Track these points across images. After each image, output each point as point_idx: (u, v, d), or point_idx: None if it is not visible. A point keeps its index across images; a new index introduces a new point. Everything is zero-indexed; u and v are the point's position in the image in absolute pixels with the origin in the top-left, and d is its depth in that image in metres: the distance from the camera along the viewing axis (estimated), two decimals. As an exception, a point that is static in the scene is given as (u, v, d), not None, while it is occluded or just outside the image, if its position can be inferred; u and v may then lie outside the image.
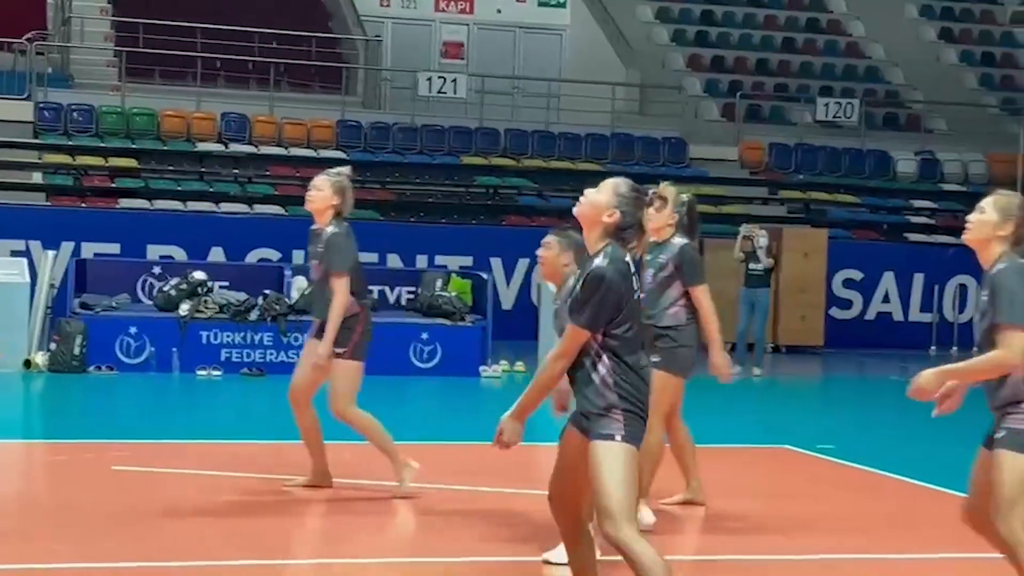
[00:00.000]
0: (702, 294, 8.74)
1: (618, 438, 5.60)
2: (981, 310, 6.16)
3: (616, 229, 5.73)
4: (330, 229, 9.16)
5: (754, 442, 12.82)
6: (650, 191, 5.98)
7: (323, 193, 9.23)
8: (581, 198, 5.86)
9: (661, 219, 8.79)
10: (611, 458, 5.57)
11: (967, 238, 6.20)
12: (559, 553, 6.91)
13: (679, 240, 8.79)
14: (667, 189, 8.79)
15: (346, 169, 9.52)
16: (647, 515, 8.22)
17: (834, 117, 28.41)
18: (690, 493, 9.28)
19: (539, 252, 7.51)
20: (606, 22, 30.69)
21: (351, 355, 9.05)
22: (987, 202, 6.18)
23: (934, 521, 9.40)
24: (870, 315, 24.71)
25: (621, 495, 5.52)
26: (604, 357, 5.63)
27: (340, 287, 9.00)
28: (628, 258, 5.74)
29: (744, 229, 19.97)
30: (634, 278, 5.73)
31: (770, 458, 11.94)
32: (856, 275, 24.52)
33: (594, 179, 24.95)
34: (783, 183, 27.34)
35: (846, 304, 24.52)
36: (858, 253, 24.72)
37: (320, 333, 9.13)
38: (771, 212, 26.41)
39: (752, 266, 19.45)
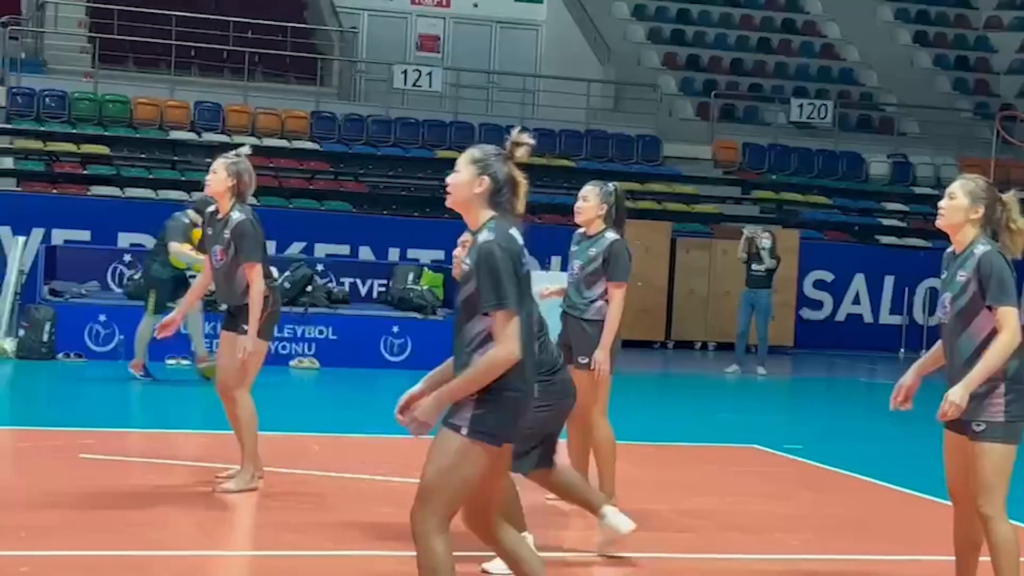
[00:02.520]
0: (619, 293, 8.78)
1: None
2: (953, 291, 6.25)
3: (492, 195, 5.45)
4: (236, 216, 8.94)
5: (723, 441, 12.86)
6: (507, 140, 5.53)
7: (218, 176, 8.99)
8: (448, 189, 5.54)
9: (590, 211, 8.87)
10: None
11: (941, 224, 6.36)
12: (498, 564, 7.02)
13: (611, 235, 8.85)
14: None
15: (245, 150, 9.19)
16: (623, 523, 7.75)
17: (808, 118, 28.51)
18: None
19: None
20: (582, 19, 30.71)
21: (258, 334, 8.92)
22: (955, 187, 6.36)
23: (891, 522, 9.45)
24: (840, 316, 24.80)
25: None
26: None
27: (255, 277, 8.86)
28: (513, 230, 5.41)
29: (747, 230, 19.97)
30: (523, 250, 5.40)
31: (738, 457, 11.98)
32: (827, 276, 24.61)
33: (567, 175, 24.97)
34: (756, 183, 27.41)
35: (817, 305, 24.60)
36: (829, 254, 24.80)
37: (231, 321, 9.01)
38: (743, 212, 26.47)
39: (755, 267, 19.46)
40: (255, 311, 8.84)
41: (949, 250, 6.41)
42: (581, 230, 9.05)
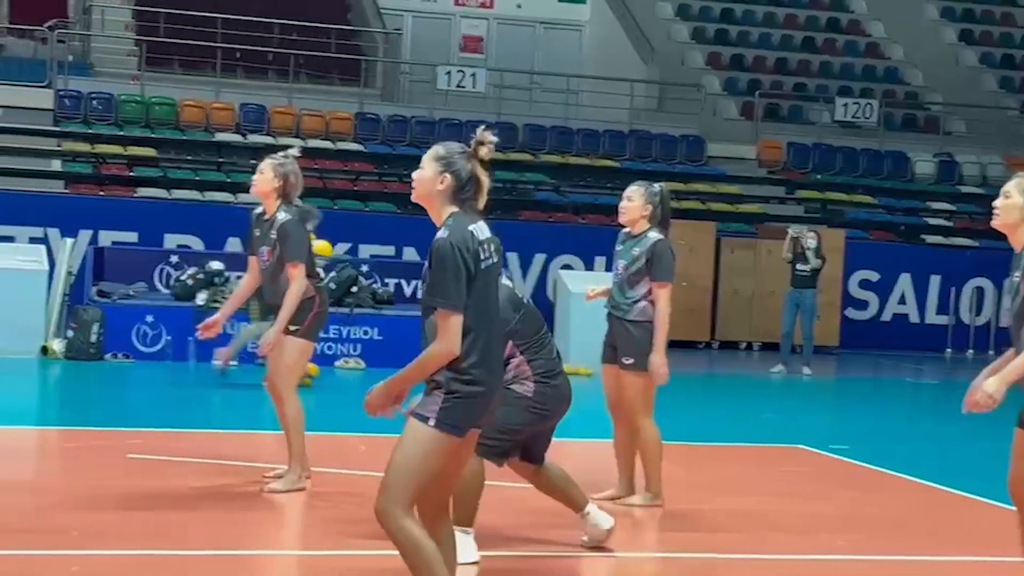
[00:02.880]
0: (663, 293, 8.79)
1: None
2: (1013, 292, 6.21)
3: (455, 192, 5.57)
4: (281, 216, 9.01)
5: (768, 441, 12.83)
6: (473, 139, 5.59)
7: (264, 176, 9.07)
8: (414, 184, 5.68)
9: (635, 211, 8.87)
10: None
11: (996, 223, 6.28)
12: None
13: (655, 235, 8.86)
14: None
15: (294, 151, 9.25)
16: (603, 520, 7.83)
17: (853, 117, 28.39)
18: (620, 491, 9.22)
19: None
20: (625, 18, 30.69)
21: (304, 334, 8.99)
22: (1011, 186, 6.27)
23: (938, 523, 9.42)
24: (886, 316, 24.69)
25: None
26: None
27: (297, 276, 8.91)
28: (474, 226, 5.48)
29: (792, 230, 19.90)
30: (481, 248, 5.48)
31: (783, 457, 11.94)
32: (872, 276, 24.50)
33: (611, 176, 24.90)
34: (801, 183, 27.32)
35: (862, 305, 24.50)
36: (875, 254, 24.70)
37: None
38: (788, 212, 26.39)
39: (800, 267, 19.40)
40: (288, 307, 8.87)
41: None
42: (626, 230, 9.06)
